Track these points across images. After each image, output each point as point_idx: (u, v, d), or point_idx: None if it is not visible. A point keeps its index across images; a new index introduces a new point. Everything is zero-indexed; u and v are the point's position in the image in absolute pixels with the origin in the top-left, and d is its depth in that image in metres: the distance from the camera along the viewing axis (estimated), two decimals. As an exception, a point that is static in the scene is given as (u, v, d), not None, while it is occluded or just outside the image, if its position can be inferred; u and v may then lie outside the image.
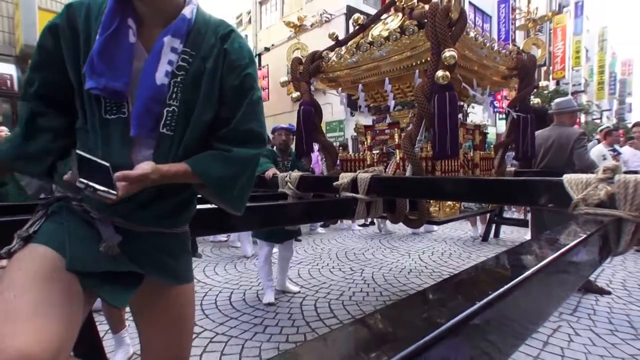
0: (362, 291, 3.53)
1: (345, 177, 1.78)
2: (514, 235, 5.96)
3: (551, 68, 23.87)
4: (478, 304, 0.45)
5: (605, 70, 34.06)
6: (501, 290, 0.51)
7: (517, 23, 17.52)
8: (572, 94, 23.93)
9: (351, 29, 2.77)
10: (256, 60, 17.72)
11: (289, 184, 2.22)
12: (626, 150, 5.27)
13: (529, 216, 4.90)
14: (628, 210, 1.00)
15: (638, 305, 3.03)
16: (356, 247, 5.31)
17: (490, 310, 0.48)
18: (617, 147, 5.31)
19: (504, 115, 17.70)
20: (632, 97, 48.71)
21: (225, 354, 2.43)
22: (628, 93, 45.86)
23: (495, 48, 2.35)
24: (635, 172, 1.91)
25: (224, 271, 4.27)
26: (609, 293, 3.28)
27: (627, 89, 45.23)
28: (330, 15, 13.66)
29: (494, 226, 5.59)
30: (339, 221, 6.82)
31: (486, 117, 2.85)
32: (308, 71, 2.56)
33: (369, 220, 6.96)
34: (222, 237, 5.97)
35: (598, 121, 28.19)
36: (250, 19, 19.46)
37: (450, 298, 0.53)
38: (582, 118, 24.57)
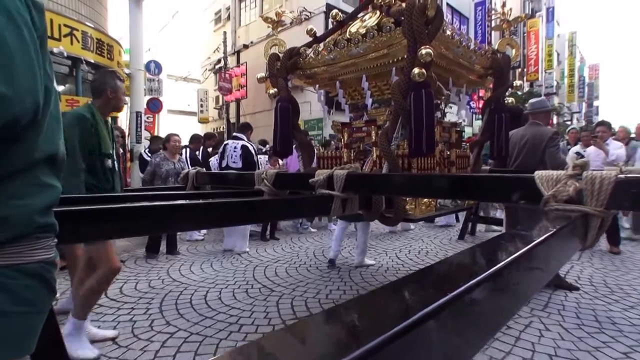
0: (339, 289, 3.53)
1: (321, 174, 1.76)
2: (490, 233, 6.08)
3: (525, 70, 24.55)
4: (444, 298, 0.44)
5: (575, 73, 35.33)
6: (470, 284, 0.50)
7: (493, 24, 17.90)
8: (545, 95, 24.65)
9: (330, 27, 2.75)
10: (235, 57, 17.54)
11: (265, 181, 2.18)
12: (590, 150, 5.44)
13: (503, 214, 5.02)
14: (594, 206, 1.02)
15: (603, 300, 3.15)
16: (334, 246, 5.30)
17: (458, 302, 0.47)
18: (581, 150, 5.51)
19: (480, 116, 18.09)
20: (599, 101, 50.74)
21: (199, 354, 2.38)
22: (595, 96, 47.76)
23: (472, 47, 2.37)
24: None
25: (200, 270, 4.20)
26: (577, 289, 3.39)
27: (595, 92, 47.07)
28: (310, 13, 13.64)
29: (470, 224, 5.70)
30: (315, 219, 6.85)
31: (463, 115, 2.88)
32: (285, 67, 2.53)
33: (347, 218, 6.99)
34: (198, 236, 5.89)
35: (569, 122, 29.19)
36: (229, 15, 19.20)
37: (418, 290, 0.52)
38: (555, 119, 25.42)
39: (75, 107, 8.63)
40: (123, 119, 13.62)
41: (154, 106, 12.54)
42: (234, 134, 5.55)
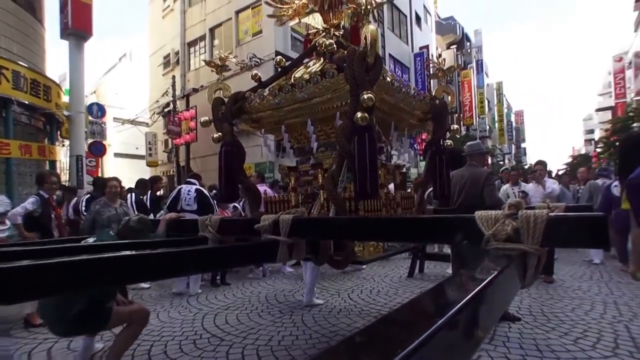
0: (291, 334, 3.37)
1: (266, 219, 1.70)
2: (437, 269, 6.19)
3: (462, 115, 26.68)
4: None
5: (504, 119, 39.09)
6: (412, 346, 0.47)
7: (431, 71, 19.40)
8: (480, 138, 26.77)
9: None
10: (184, 100, 17.29)
11: (209, 227, 2.08)
12: (530, 187, 6.05)
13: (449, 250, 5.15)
14: (530, 244, 1.05)
15: (542, 329, 3.28)
16: (286, 289, 5.13)
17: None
18: (524, 188, 6.05)
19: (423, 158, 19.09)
20: (526, 143, 56.56)
21: None
22: (522, 139, 53.26)
23: (412, 93, 2.50)
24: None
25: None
26: (519, 319, 3.51)
27: (521, 135, 52.46)
28: (260, 59, 13.99)
29: (418, 262, 5.79)
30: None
31: (406, 158, 2.98)
32: (231, 112, 2.50)
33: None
34: (144, 284, 5.43)
35: (502, 163, 31.65)
36: (178, 59, 19.17)
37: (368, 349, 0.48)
38: (490, 160, 27.44)
39: (5, 150, 7.98)
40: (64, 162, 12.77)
41: (97, 150, 11.98)
42: (187, 179, 5.61)
